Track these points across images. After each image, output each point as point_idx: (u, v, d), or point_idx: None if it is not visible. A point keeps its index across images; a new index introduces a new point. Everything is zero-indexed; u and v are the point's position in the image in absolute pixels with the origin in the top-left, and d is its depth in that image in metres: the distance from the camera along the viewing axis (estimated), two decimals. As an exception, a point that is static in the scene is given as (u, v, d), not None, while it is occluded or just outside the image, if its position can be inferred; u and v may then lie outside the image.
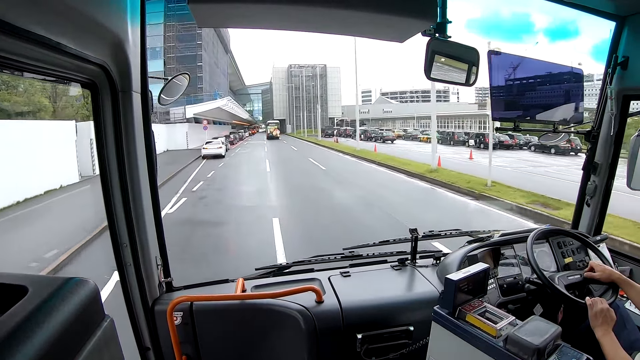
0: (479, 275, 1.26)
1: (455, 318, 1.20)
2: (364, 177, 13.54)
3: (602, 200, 1.98)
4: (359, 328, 1.45)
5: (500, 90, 1.69)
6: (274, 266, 1.80)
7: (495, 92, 1.66)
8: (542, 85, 1.80)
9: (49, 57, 0.92)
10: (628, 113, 1.82)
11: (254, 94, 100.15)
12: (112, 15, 1.14)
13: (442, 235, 1.95)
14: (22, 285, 0.69)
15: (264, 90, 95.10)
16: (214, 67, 48.48)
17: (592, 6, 1.68)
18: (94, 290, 0.76)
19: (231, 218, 7.77)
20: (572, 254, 1.80)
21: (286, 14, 1.17)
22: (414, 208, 8.74)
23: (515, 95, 1.73)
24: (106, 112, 1.28)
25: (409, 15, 1.13)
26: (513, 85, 1.72)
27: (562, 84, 1.85)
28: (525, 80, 1.75)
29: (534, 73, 1.76)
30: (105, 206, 1.37)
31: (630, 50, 1.71)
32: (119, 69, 1.22)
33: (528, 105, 1.76)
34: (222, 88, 52.14)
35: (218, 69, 51.96)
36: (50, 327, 0.62)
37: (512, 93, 1.73)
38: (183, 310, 1.47)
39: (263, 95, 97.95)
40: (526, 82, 1.75)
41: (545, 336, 1.06)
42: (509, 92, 1.72)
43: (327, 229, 6.78)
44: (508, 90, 1.72)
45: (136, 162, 1.35)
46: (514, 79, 1.70)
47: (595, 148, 1.93)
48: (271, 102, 79.89)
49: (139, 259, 1.42)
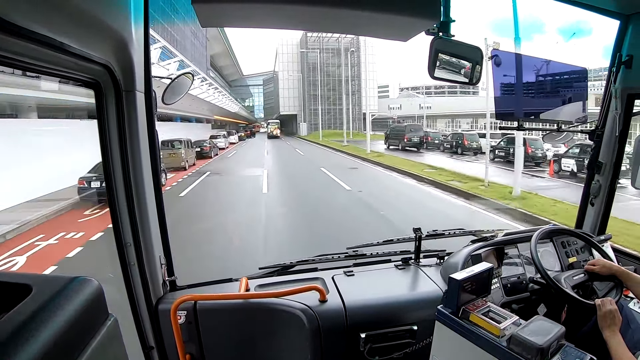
0: (483, 274, 1.26)
1: (459, 317, 1.19)
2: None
3: (607, 199, 1.97)
4: (362, 327, 1.45)
5: (503, 89, 1.68)
6: (278, 265, 1.80)
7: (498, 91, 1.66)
8: (546, 84, 1.79)
9: (53, 56, 0.92)
10: (632, 112, 1.82)
11: (253, 85, 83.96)
12: (116, 15, 1.14)
13: (446, 234, 1.94)
14: (26, 284, 0.70)
15: (266, 80, 78.22)
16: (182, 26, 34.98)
17: (596, 5, 1.67)
18: (98, 290, 0.76)
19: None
20: (576, 253, 1.79)
21: (290, 14, 1.17)
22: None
23: (519, 94, 1.73)
24: (110, 112, 1.28)
25: (412, 14, 1.13)
26: (517, 84, 1.71)
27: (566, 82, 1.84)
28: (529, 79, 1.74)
29: (538, 72, 1.76)
30: (109, 205, 1.38)
31: (635, 49, 1.70)
32: (122, 68, 1.22)
33: (532, 104, 1.75)
34: (196, 62, 33.91)
35: (187, 26, 37.05)
36: (54, 326, 0.62)
37: (516, 92, 1.72)
38: (187, 310, 1.48)
39: (265, 87, 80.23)
40: (530, 81, 1.74)
41: (549, 336, 1.06)
42: (513, 91, 1.72)
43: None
44: (511, 89, 1.71)
45: (140, 161, 1.35)
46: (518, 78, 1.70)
47: (600, 147, 1.92)
48: (275, 94, 61.37)
49: (142, 258, 1.42)
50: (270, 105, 74.37)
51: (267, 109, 78.18)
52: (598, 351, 1.14)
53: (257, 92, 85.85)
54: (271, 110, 68.92)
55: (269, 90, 75.37)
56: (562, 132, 1.83)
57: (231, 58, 63.95)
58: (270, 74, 71.96)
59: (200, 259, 5.05)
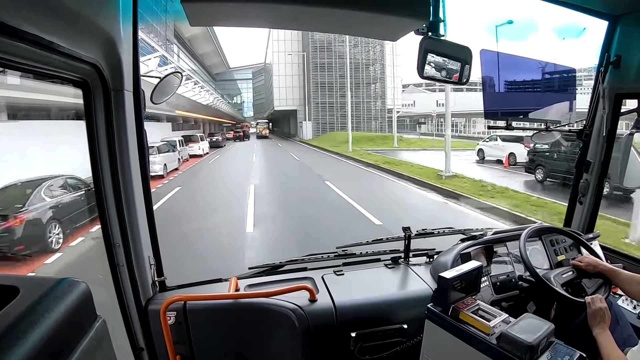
0: (472, 273, 1.26)
1: (449, 316, 1.20)
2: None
3: (594, 198, 1.99)
4: (352, 326, 1.45)
5: (492, 89, 1.70)
6: (267, 265, 1.80)
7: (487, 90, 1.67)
8: (534, 84, 1.82)
9: (40, 55, 0.91)
10: (620, 111, 1.84)
11: (241, 79, 72.00)
12: (104, 14, 1.13)
13: (435, 233, 1.95)
14: (14, 285, 0.69)
15: (256, 73, 64.62)
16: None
17: (585, 5, 1.69)
18: (86, 291, 0.75)
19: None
20: (564, 251, 1.81)
21: (279, 13, 1.17)
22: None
23: (508, 93, 1.74)
24: (98, 111, 1.27)
25: (402, 14, 1.13)
26: (505, 84, 1.73)
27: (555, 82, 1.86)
28: (518, 79, 1.76)
29: (526, 71, 1.78)
30: (98, 206, 1.36)
31: (623, 49, 1.72)
32: (111, 67, 1.21)
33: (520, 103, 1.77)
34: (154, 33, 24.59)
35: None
36: (42, 328, 0.62)
37: (505, 91, 1.74)
38: (176, 310, 1.46)
39: (255, 80, 66.70)
40: (519, 80, 1.76)
41: (539, 333, 1.07)
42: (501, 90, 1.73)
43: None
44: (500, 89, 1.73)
45: (128, 161, 1.34)
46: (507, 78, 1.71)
47: (588, 146, 1.94)
48: (267, 87, 50.07)
49: (131, 259, 1.41)
50: (260, 102, 62.34)
51: (257, 106, 65.95)
52: (587, 348, 1.16)
53: (245, 87, 73.95)
54: (262, 108, 59.45)
55: (260, 83, 62.40)
56: (550, 132, 1.86)
57: (214, 45, 49.40)
58: (261, 66, 59.20)
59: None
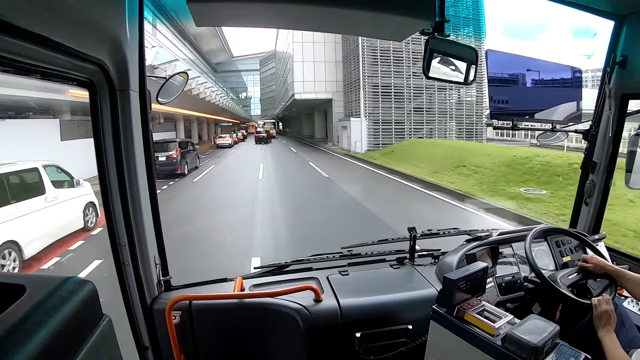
0: (478, 274, 1.26)
1: (454, 317, 1.20)
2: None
3: (601, 199, 1.98)
4: (357, 327, 1.45)
5: (498, 89, 1.69)
6: (273, 265, 1.80)
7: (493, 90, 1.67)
8: (540, 84, 1.80)
9: (47, 56, 0.92)
10: (626, 112, 1.83)
11: (247, 70, 59.33)
12: (111, 14, 1.14)
13: (441, 234, 1.95)
14: (20, 284, 0.69)
15: (264, 60, 53.50)
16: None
17: (591, 5, 1.68)
18: (92, 290, 0.76)
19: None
20: (570, 252, 1.80)
21: (285, 13, 1.17)
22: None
23: (514, 93, 1.73)
24: (104, 112, 1.27)
25: (408, 14, 1.13)
26: (511, 84, 1.72)
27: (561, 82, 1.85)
28: (524, 79, 1.75)
29: (532, 72, 1.76)
30: (104, 205, 1.37)
31: (629, 49, 1.71)
32: (117, 68, 1.22)
33: (526, 103, 1.76)
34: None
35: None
36: (48, 327, 0.62)
37: (510, 92, 1.73)
38: (182, 309, 1.47)
39: (262, 69, 55.63)
40: (525, 80, 1.75)
41: (544, 335, 1.06)
42: (507, 90, 1.72)
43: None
44: (506, 89, 1.72)
45: (134, 161, 1.35)
46: (512, 78, 1.70)
47: (594, 147, 1.93)
48: (278, 76, 40.28)
49: (137, 258, 1.42)
50: (270, 95, 49.92)
51: (266, 101, 53.77)
52: (592, 350, 1.15)
53: (251, 80, 61.92)
54: (271, 102, 47.26)
55: (269, 72, 50.31)
56: (556, 132, 1.85)
57: (218, 37, 43.35)
58: (270, 53, 50.08)
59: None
